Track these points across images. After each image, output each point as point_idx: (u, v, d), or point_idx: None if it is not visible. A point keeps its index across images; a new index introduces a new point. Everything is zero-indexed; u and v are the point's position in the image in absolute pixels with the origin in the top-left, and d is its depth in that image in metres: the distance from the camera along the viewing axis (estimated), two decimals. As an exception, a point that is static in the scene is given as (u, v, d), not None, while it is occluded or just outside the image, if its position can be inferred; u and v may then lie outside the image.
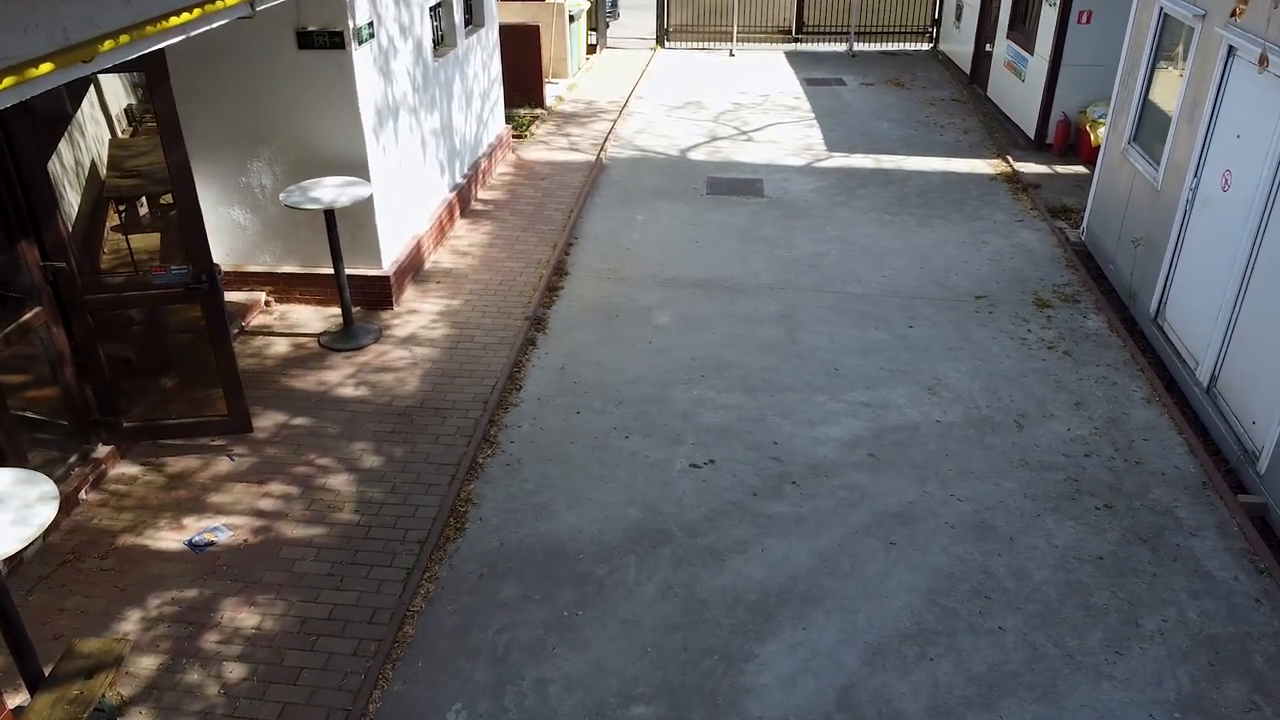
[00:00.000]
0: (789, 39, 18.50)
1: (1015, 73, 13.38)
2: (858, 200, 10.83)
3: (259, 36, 7.18)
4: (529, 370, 7.39)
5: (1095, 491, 6.14)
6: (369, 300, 8.11)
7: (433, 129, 9.20)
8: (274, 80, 7.37)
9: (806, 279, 8.92)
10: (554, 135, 13.06)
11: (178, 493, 6.01)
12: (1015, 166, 11.87)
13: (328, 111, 7.43)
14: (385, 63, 7.86)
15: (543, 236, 9.71)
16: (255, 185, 7.81)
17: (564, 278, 8.90)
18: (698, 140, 12.92)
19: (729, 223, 10.17)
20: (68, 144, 6.71)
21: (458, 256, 9.24)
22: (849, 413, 6.91)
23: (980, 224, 10.21)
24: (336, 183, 7.30)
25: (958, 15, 16.78)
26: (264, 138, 7.62)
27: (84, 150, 6.89)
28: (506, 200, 10.70)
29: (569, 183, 11.22)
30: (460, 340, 7.73)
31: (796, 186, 11.24)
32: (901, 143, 12.88)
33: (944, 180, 11.51)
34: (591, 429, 6.71)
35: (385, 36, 7.82)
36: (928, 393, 7.16)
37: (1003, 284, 8.88)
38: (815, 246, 9.61)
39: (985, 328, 8.09)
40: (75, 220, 6.59)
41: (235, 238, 8.06)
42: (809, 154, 12.39)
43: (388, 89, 7.94)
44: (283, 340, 7.71)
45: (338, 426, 6.65)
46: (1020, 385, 7.28)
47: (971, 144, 12.85)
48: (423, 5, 8.75)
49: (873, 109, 14.45)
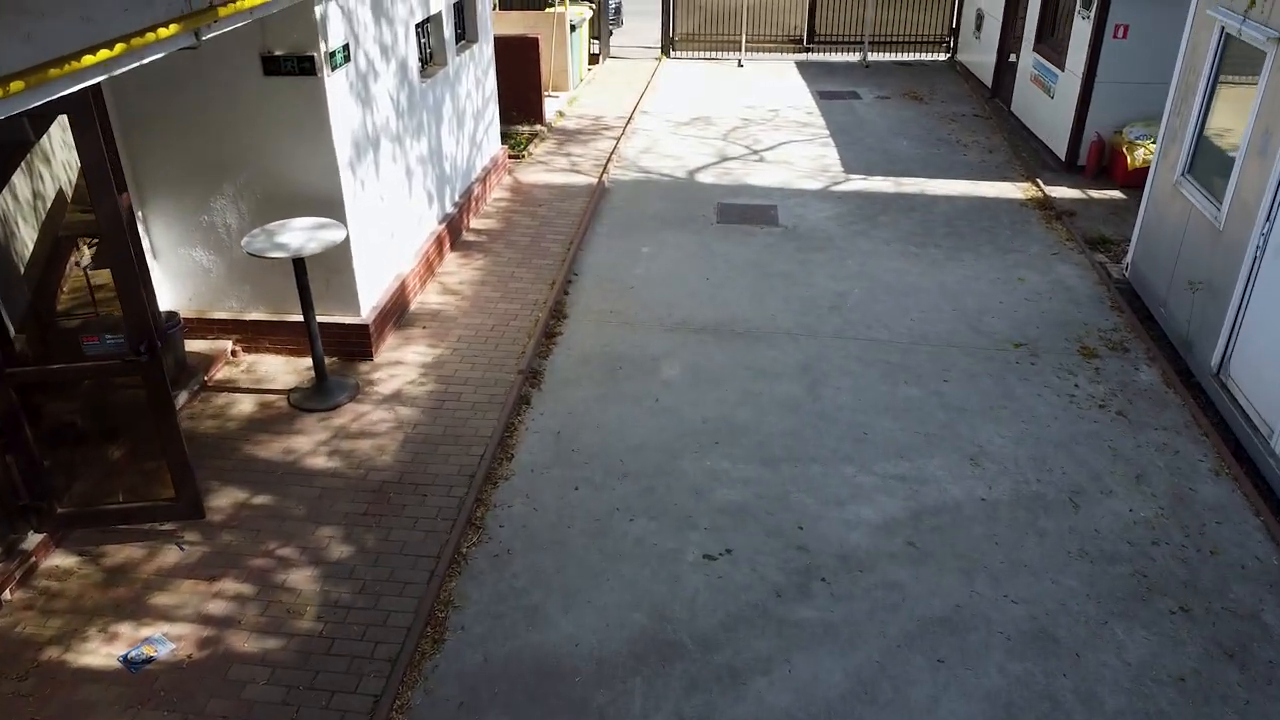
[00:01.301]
0: (800, 48, 17.71)
1: (1043, 88, 12.59)
2: (879, 229, 10.05)
3: (220, 61, 6.42)
4: (522, 435, 6.61)
5: (1168, 590, 5.35)
6: (346, 351, 7.33)
7: (419, 156, 8.43)
8: (238, 110, 6.60)
9: (828, 323, 8.13)
10: (553, 155, 12.28)
11: (116, 591, 5.23)
12: (1046, 191, 11.08)
13: (298, 145, 6.66)
14: (364, 88, 7.09)
15: (539, 272, 8.93)
16: (219, 224, 7.04)
17: (562, 321, 8.11)
18: (706, 160, 12.13)
19: (741, 256, 9.39)
20: (24, 175, 5.94)
21: (447, 296, 8.45)
22: (882, 488, 6.13)
23: (1013, 257, 9.42)
24: (307, 225, 6.53)
25: (978, 25, 15.98)
26: (228, 172, 6.85)
27: (46, 181, 6.12)
28: (501, 230, 9.92)
29: (569, 209, 10.44)
30: (446, 398, 6.95)
31: (813, 213, 10.45)
32: (923, 163, 12.09)
33: (970, 206, 10.72)
34: (591, 509, 5.93)
35: (364, 59, 7.05)
36: (969, 463, 6.38)
37: (1043, 328, 8.09)
38: (836, 284, 8.83)
39: (1028, 382, 7.31)
40: (29, 263, 5.83)
41: (198, 281, 7.29)
42: (825, 176, 11.60)
43: (367, 117, 7.17)
44: (248, 398, 6.94)
45: (304, 506, 5.87)
46: (1072, 454, 6.49)
47: (997, 165, 12.07)
48: (408, 22, 7.97)
49: (890, 125, 13.67)
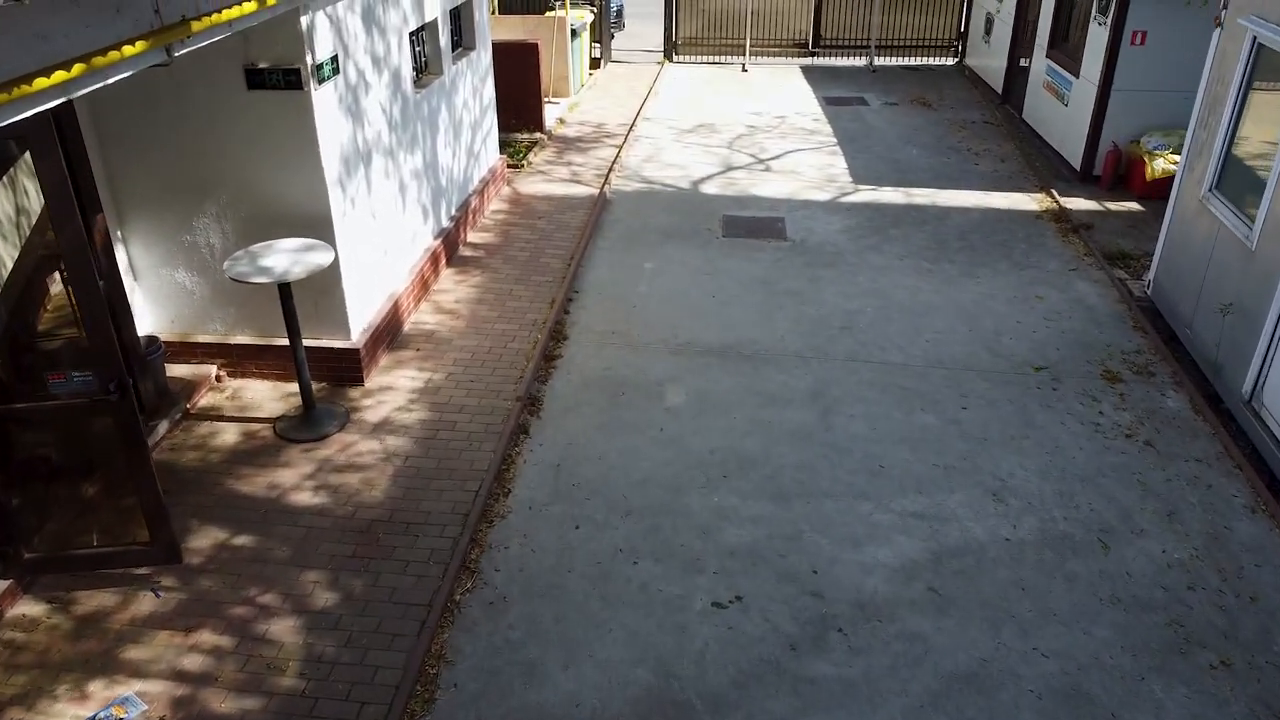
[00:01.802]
0: (805, 52, 17.37)
1: (1056, 95, 12.25)
2: (891, 244, 9.71)
3: (201, 74, 6.09)
4: (520, 468, 6.27)
5: (1207, 641, 5.02)
6: (335, 376, 7.00)
7: (414, 170, 8.09)
8: (220, 125, 6.27)
9: (839, 345, 7.80)
10: (553, 164, 11.95)
11: (86, 643, 4.90)
12: (1062, 202, 10.74)
13: (284, 162, 6.33)
14: (354, 101, 6.75)
15: (538, 290, 8.59)
16: (202, 244, 6.71)
17: (562, 343, 7.78)
18: (711, 170, 11.79)
19: (748, 272, 9.05)
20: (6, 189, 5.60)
21: (442, 316, 8.12)
22: (900, 527, 5.79)
23: (1030, 273, 9.08)
24: (293, 247, 6.19)
25: (987, 29, 15.64)
26: (210, 190, 6.52)
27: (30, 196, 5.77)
28: (499, 244, 9.58)
29: (569, 222, 10.10)
30: (440, 428, 6.62)
31: (822, 227, 10.11)
32: (933, 173, 11.75)
33: (984, 218, 10.38)
34: (592, 550, 5.59)
35: (353, 71, 6.72)
36: (992, 499, 6.04)
37: (1064, 350, 7.75)
38: (847, 302, 8.49)
39: (1050, 409, 6.97)
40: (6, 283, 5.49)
41: (180, 303, 6.96)
42: (833, 187, 11.27)
43: (357, 131, 6.84)
44: (232, 427, 6.60)
45: (288, 548, 5.53)
46: (1099, 488, 6.15)
47: (1010, 174, 11.73)
48: (401, 31, 7.63)
49: (899, 133, 13.33)
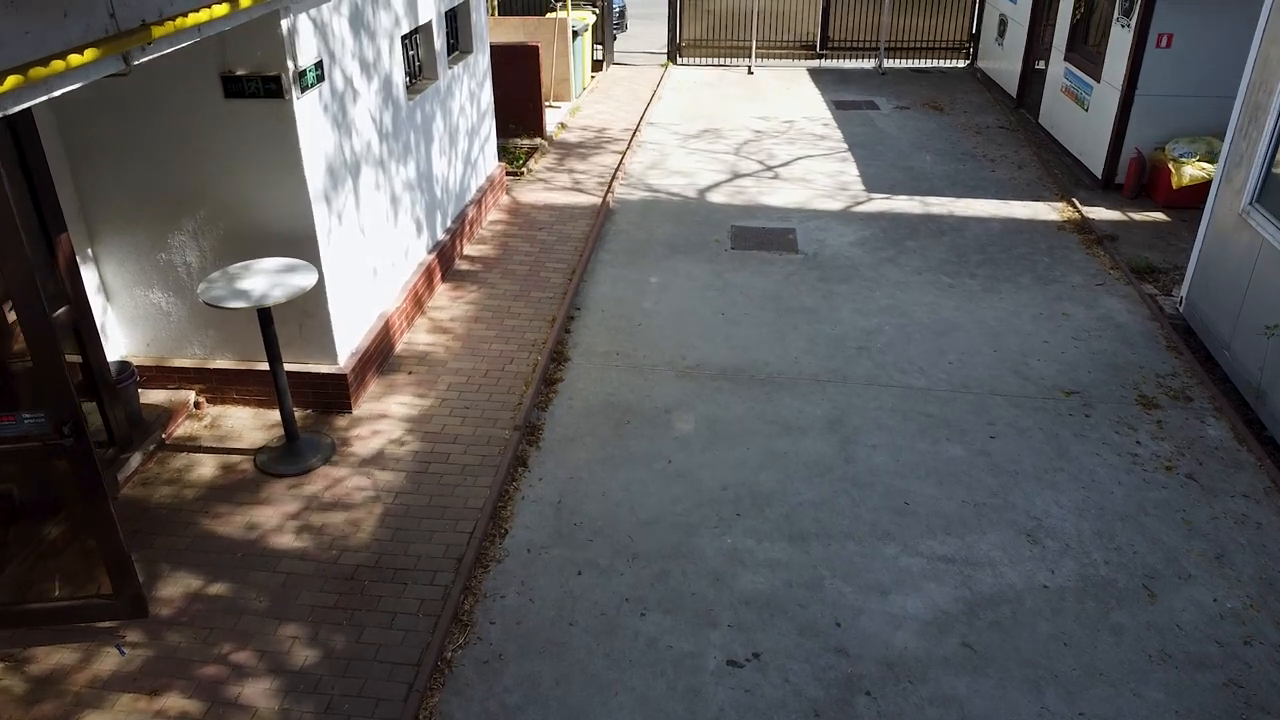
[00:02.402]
0: (813, 54, 16.93)
1: (1076, 100, 11.81)
2: (907, 256, 9.27)
3: (174, 81, 5.65)
4: (517, 505, 5.84)
5: (1270, 705, 4.58)
6: (321, 403, 6.56)
7: (406, 181, 7.66)
8: (196, 136, 5.84)
9: (857, 367, 7.36)
10: (554, 171, 11.51)
11: (40, 708, 4.46)
12: (1084, 211, 10.30)
13: (264, 175, 5.90)
14: (341, 109, 6.32)
15: (538, 307, 8.15)
16: (178, 263, 6.27)
17: (563, 365, 7.34)
18: (717, 178, 11.35)
19: (759, 287, 8.61)
20: None
21: (436, 335, 7.68)
22: (929, 573, 5.35)
23: (1055, 288, 8.64)
24: (273, 267, 5.76)
25: (1000, 31, 15.20)
26: (186, 206, 6.08)
27: None
28: (497, 257, 9.14)
29: (570, 233, 9.67)
30: (432, 460, 6.18)
31: (835, 238, 9.67)
32: (949, 181, 11.31)
33: (1004, 229, 9.95)
34: (596, 599, 5.15)
35: (340, 77, 6.28)
36: (1027, 540, 5.60)
37: (1095, 373, 7.31)
38: (864, 320, 8.05)
39: (1084, 439, 6.53)
40: None
41: (156, 326, 6.53)
42: (845, 195, 10.83)
43: (344, 142, 6.40)
44: (210, 459, 6.17)
45: (265, 597, 5.09)
46: (1141, 527, 5.71)
47: (1028, 182, 11.29)
48: (392, 34, 7.20)
49: (911, 138, 12.89)
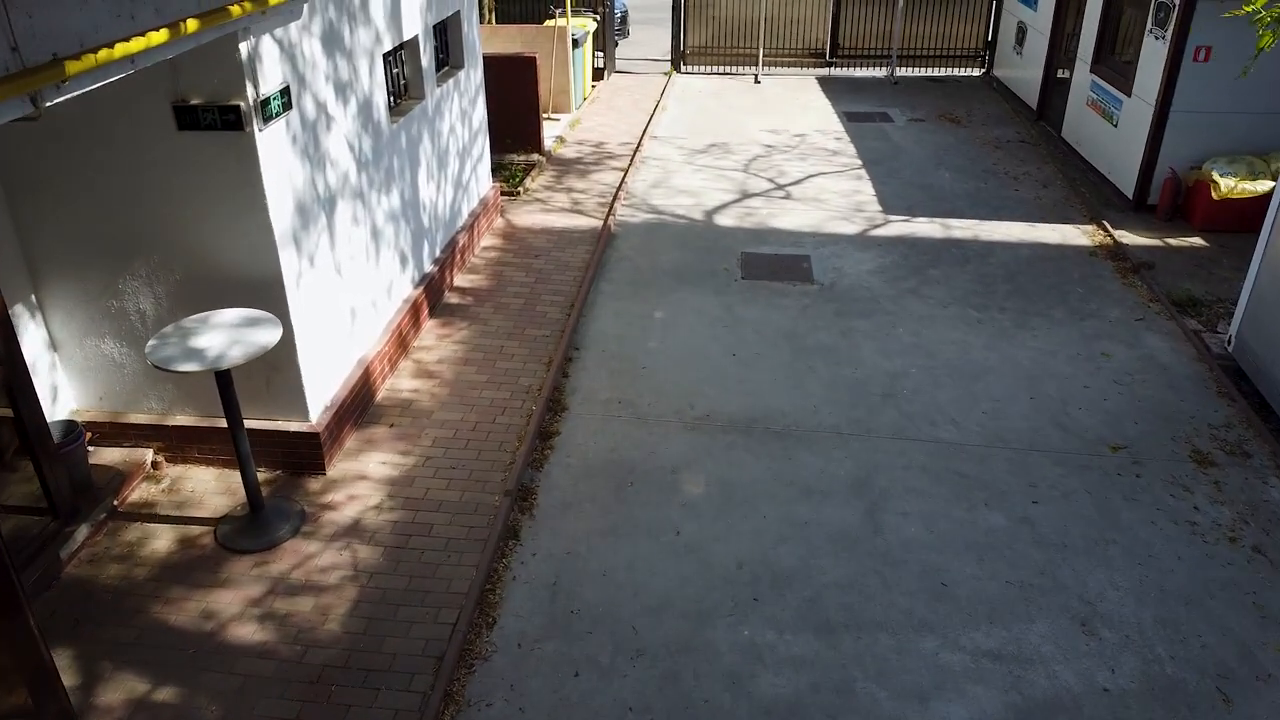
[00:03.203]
0: (822, 63, 16.28)
1: (1103, 115, 11.16)
2: (931, 286, 8.63)
3: (120, 109, 5.02)
4: (507, 587, 5.20)
5: (1377, 844, 3.95)
6: (292, 463, 5.93)
7: (389, 212, 7.02)
8: (146, 171, 5.20)
9: (882, 417, 6.72)
10: (552, 190, 10.87)
11: None
12: (1116, 235, 9.66)
13: (224, 216, 5.27)
14: (312, 139, 5.69)
15: (534, 346, 7.51)
16: (131, 311, 5.64)
17: (560, 415, 6.70)
18: (726, 198, 10.71)
19: (772, 323, 7.97)
20: None
21: (422, 380, 7.04)
22: (974, 673, 4.71)
23: (1092, 324, 8.00)
24: (233, 320, 5.12)
25: (1019, 40, 14.55)
26: (139, 249, 5.45)
27: None
28: (490, 289, 8.50)
29: (569, 260, 9.03)
30: (414, 531, 5.55)
31: (852, 266, 9.04)
32: (970, 200, 10.67)
33: (1033, 255, 9.30)
34: (595, 709, 4.51)
35: (311, 103, 5.65)
36: (1081, 630, 4.97)
37: (1142, 424, 6.67)
38: (887, 362, 7.41)
39: (1136, 503, 5.89)
40: None
41: (109, 378, 5.89)
42: (861, 217, 10.19)
43: (316, 175, 5.77)
44: (167, 531, 5.54)
45: (218, 706, 4.46)
46: (1208, 614, 5.08)
47: (1055, 202, 10.64)
48: (373, 52, 6.57)
49: (928, 153, 12.25)
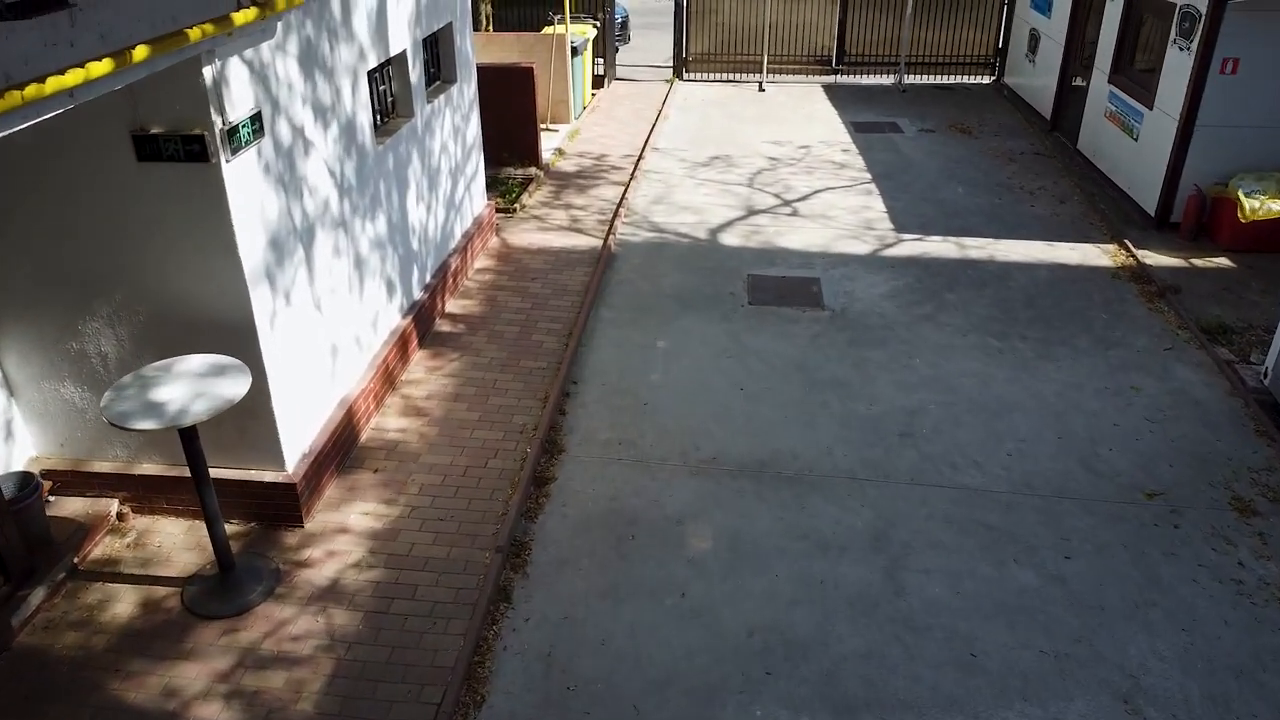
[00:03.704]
0: (828, 70, 15.86)
1: (1123, 127, 10.74)
2: (948, 313, 8.20)
3: (75, 137, 4.61)
4: (498, 659, 4.77)
5: None
6: (267, 515, 5.51)
7: (375, 239, 6.61)
8: (105, 205, 4.79)
9: (900, 460, 6.29)
10: (550, 206, 10.45)
11: None
12: (1139, 256, 9.24)
13: (190, 254, 4.85)
14: (288, 166, 5.27)
15: (529, 379, 7.09)
16: (92, 353, 5.22)
17: (557, 459, 6.28)
18: (730, 215, 10.29)
19: (781, 354, 7.55)
20: None
21: (409, 419, 6.62)
22: (1009, 760, 4.30)
23: (1118, 354, 7.58)
24: (198, 368, 4.70)
25: (1031, 47, 14.12)
26: (99, 287, 5.03)
27: None
28: (484, 315, 8.07)
29: (567, 283, 8.61)
30: (397, 593, 5.12)
31: (864, 289, 8.61)
32: (985, 217, 10.25)
33: (1053, 277, 8.88)
34: (593, 802, 4.11)
35: (287, 128, 5.23)
36: (1124, 708, 4.54)
37: (1178, 467, 6.25)
38: (904, 396, 6.98)
39: (1175, 558, 5.47)
40: None
41: (71, 424, 5.48)
42: (872, 236, 9.76)
43: (293, 205, 5.35)
44: (131, 592, 5.11)
45: (175, 802, 4.05)
46: (1261, 688, 4.65)
47: (1073, 219, 10.22)
48: (356, 69, 6.14)
49: (940, 166, 11.82)
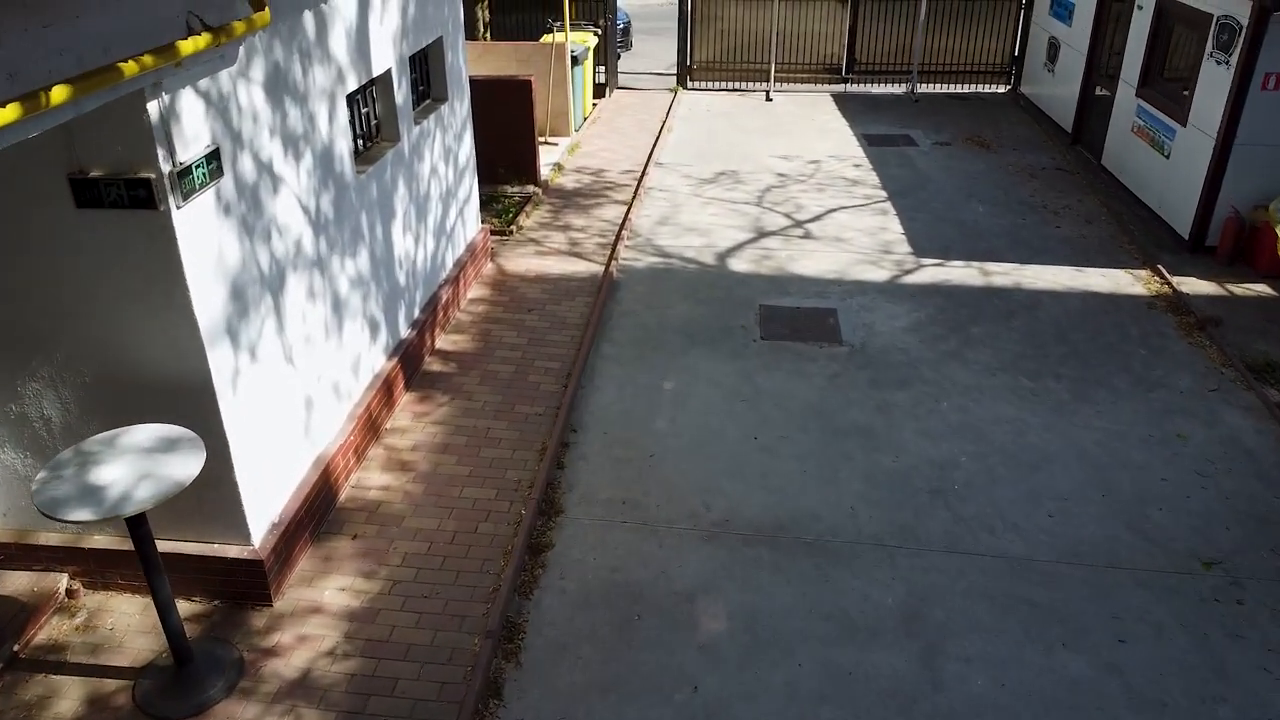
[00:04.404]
0: (838, 79, 15.30)
1: (1152, 143, 10.18)
2: (975, 349, 7.64)
3: (8, 184, 4.05)
4: (486, 771, 4.24)
5: None
6: (232, 594, 4.95)
7: (356, 277, 6.05)
8: (42, 255, 4.23)
9: (932, 522, 5.73)
10: (549, 228, 9.88)
11: None
12: (1174, 283, 8.68)
13: (138, 309, 4.29)
14: (252, 207, 4.71)
15: (525, 428, 6.53)
16: (34, 416, 4.67)
17: (554, 521, 5.72)
18: (739, 237, 9.73)
19: (798, 396, 6.99)
20: None
21: (393, 474, 6.06)
22: None
23: (1161, 395, 7.02)
24: (145, 443, 4.14)
25: (1050, 56, 13.56)
26: (40, 346, 4.48)
27: None
28: (477, 352, 7.51)
29: (566, 315, 8.05)
30: (374, 689, 4.56)
31: (884, 322, 8.05)
32: (1009, 239, 9.69)
33: (1084, 307, 8.32)
34: None
35: (251, 164, 4.67)
36: (1199, 834, 4.00)
37: (1234, 529, 5.69)
38: (932, 447, 6.42)
39: (1241, 642, 4.91)
40: None
41: (14, 493, 4.91)
42: (890, 261, 9.20)
43: (259, 249, 4.79)
44: (76, 685, 4.55)
45: None
46: (1355, 807, 4.11)
47: (1101, 242, 9.66)
48: (333, 93, 5.58)
49: (958, 183, 11.26)
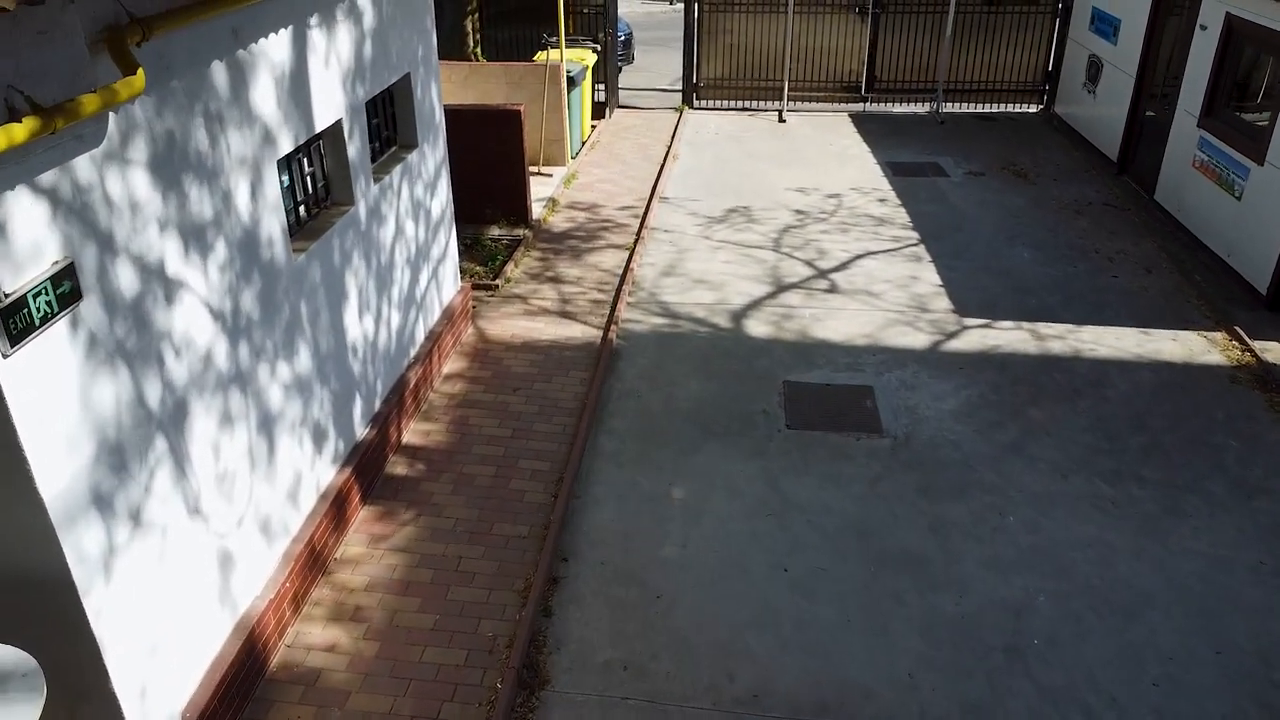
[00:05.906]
0: (857, 97, 14.13)
1: (1220, 183, 9.02)
2: (1038, 440, 6.47)
3: None
4: None
5: None
6: (110, 828, 3.80)
7: (294, 381, 4.88)
8: None
9: (1012, 699, 4.55)
10: (539, 280, 8.70)
11: None
12: (1256, 350, 7.51)
13: (-40, 485, 3.14)
14: (132, 329, 3.54)
15: (504, 557, 5.35)
16: None
17: (537, 699, 4.52)
18: (755, 291, 8.55)
19: (834, 509, 5.81)
20: None
21: (340, 626, 4.88)
22: None
23: (1266, 506, 5.85)
24: (-38, 678, 2.99)
25: (1091, 75, 12.39)
26: None
27: None
28: (450, 449, 6.33)
29: (557, 396, 6.87)
30: None
31: (929, 403, 6.87)
32: (1062, 293, 8.52)
33: (1158, 380, 7.16)
34: None
35: (132, 272, 3.50)
36: None
37: (1391, 705, 4.54)
38: (1002, 582, 5.24)
39: None
40: None
41: None
42: (928, 321, 8.03)
43: (145, 380, 3.62)
44: None
45: None
46: None
47: (1165, 295, 8.50)
48: (258, 161, 4.41)
49: (997, 220, 10.09)
